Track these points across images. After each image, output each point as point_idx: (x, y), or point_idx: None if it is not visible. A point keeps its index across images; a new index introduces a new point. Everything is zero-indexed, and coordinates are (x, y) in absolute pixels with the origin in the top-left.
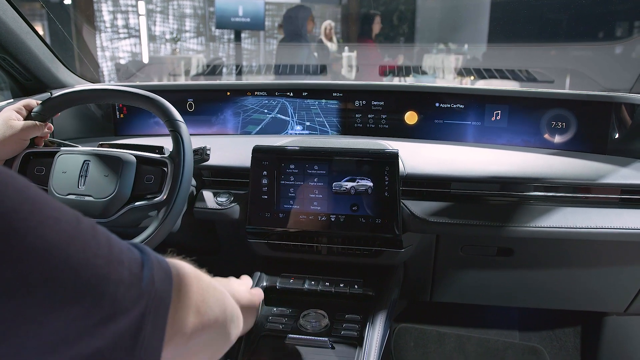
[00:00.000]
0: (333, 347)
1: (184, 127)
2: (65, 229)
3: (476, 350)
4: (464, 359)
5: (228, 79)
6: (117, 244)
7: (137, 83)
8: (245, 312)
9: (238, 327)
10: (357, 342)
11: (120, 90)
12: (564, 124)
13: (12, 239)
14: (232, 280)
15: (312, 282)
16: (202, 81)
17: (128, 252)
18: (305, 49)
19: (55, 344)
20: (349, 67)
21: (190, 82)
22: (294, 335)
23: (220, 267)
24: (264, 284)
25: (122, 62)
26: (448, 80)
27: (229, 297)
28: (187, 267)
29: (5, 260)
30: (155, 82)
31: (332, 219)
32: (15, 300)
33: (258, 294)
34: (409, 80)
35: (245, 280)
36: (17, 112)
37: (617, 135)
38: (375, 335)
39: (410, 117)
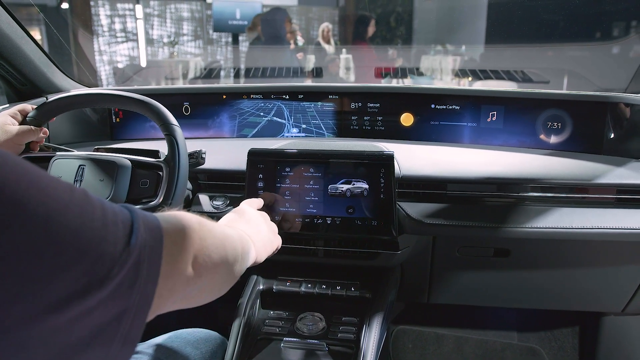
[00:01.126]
0: (330, 350)
1: (179, 131)
2: (62, 196)
3: (474, 352)
4: None
5: (226, 82)
6: (110, 207)
7: (134, 87)
8: (259, 245)
9: (244, 263)
10: (353, 344)
11: (115, 95)
12: (559, 124)
13: (18, 207)
14: (245, 213)
15: (309, 285)
16: (198, 85)
17: (120, 213)
18: (288, 51)
19: (66, 300)
20: (347, 69)
21: (186, 85)
22: (290, 339)
23: None
24: (261, 287)
25: (120, 66)
26: (445, 82)
27: (232, 239)
28: (185, 218)
29: (13, 225)
30: (152, 86)
31: (329, 222)
32: (25, 262)
33: (277, 242)
34: (407, 82)
35: (255, 203)
36: (12, 117)
37: (612, 135)
38: (372, 337)
39: (406, 119)
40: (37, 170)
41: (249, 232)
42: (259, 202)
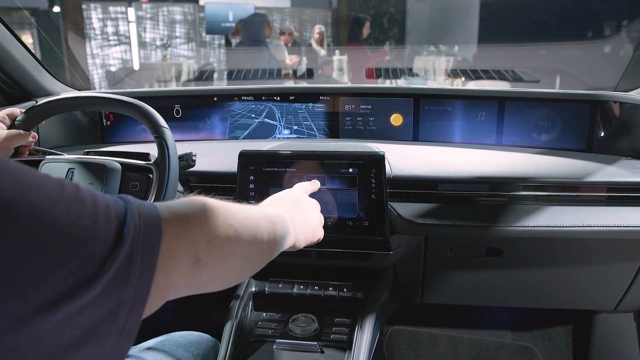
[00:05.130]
0: (322, 351)
1: (168, 133)
2: (49, 195)
3: (468, 351)
4: None
5: (219, 85)
6: (103, 201)
7: (125, 90)
8: (300, 230)
9: (277, 245)
10: (346, 345)
11: (104, 98)
12: (550, 123)
13: (0, 209)
14: (293, 195)
15: (301, 287)
16: (189, 87)
17: (115, 205)
18: (265, 53)
19: (54, 302)
20: (340, 71)
21: (177, 87)
22: (283, 340)
23: None
24: (253, 289)
25: (113, 69)
26: (439, 82)
27: (257, 222)
28: (200, 205)
29: None
30: (142, 89)
31: None
32: (10, 265)
33: (320, 233)
34: (400, 83)
35: (309, 188)
36: (1, 121)
37: (602, 134)
38: (364, 338)
39: (398, 119)
40: (22, 169)
41: (292, 215)
42: (313, 186)
